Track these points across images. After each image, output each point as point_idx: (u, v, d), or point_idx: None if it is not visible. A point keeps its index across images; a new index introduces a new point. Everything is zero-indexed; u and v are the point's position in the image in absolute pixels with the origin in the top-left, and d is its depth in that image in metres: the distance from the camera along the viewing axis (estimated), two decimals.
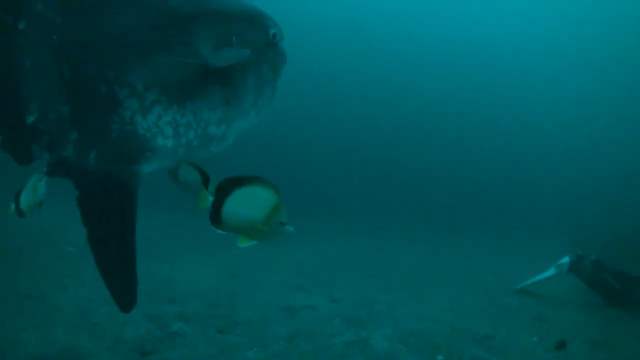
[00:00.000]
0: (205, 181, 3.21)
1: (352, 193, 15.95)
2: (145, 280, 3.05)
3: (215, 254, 9.63)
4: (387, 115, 22.50)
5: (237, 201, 2.77)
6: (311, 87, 21.80)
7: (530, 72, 26.24)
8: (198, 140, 3.22)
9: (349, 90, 23.51)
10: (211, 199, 2.78)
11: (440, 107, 24.08)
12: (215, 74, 3.19)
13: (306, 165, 16.56)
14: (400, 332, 6.23)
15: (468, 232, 14.65)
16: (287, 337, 5.80)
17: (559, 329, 6.86)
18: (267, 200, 2.76)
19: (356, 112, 22.24)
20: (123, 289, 3.02)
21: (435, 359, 5.68)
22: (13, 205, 3.63)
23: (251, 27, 3.38)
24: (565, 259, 8.26)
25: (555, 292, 8.54)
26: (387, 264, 10.50)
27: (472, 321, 6.91)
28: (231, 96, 3.28)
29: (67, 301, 6.29)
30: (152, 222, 9.68)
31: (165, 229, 11.48)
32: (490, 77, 25.67)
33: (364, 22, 26.22)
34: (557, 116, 24.81)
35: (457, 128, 23.15)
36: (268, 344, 5.56)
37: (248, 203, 2.76)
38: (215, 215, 2.82)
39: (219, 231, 2.88)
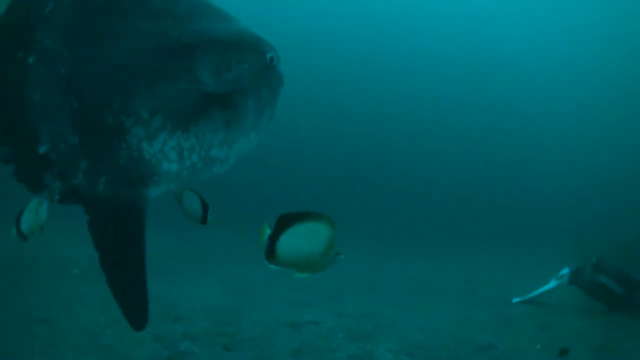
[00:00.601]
0: (205, 210, 3.46)
1: (353, 205, 15.97)
2: (150, 301, 3.14)
3: (217, 271, 9.71)
4: (387, 127, 22.56)
5: (293, 237, 2.75)
6: (310, 92, 21.90)
7: (533, 75, 26.22)
8: (201, 162, 3.33)
9: (347, 98, 23.56)
10: (268, 232, 2.76)
11: (435, 114, 24.13)
12: (216, 98, 3.30)
13: (304, 178, 16.63)
14: (404, 345, 6.29)
15: (469, 241, 14.69)
16: (292, 352, 5.87)
17: (561, 336, 6.93)
18: (324, 235, 2.75)
19: (355, 123, 22.29)
20: (135, 308, 3.13)
21: None
22: (14, 230, 3.71)
23: (249, 52, 3.50)
24: (565, 270, 8.31)
25: (557, 300, 8.60)
26: (388, 276, 10.56)
27: (474, 331, 6.98)
28: (232, 119, 3.38)
29: (74, 324, 6.35)
30: (150, 240, 9.71)
31: (165, 248, 11.55)
32: (489, 81, 25.72)
33: (369, 29, 26.26)
34: (558, 120, 24.82)
35: (455, 136, 23.19)
36: None
37: (305, 239, 2.75)
38: (271, 251, 2.80)
39: (272, 266, 2.86)
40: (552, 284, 8.43)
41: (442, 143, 22.65)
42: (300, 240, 2.73)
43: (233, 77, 3.37)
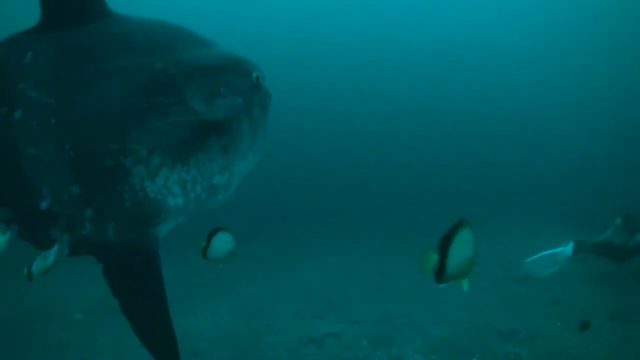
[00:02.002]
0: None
1: (344, 207, 15.91)
2: None
3: (223, 295, 9.55)
4: (394, 129, 22.38)
5: (456, 252, 2.65)
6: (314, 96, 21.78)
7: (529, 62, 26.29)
8: (205, 193, 3.31)
9: (353, 101, 23.37)
10: (435, 257, 2.64)
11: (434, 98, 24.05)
12: (210, 126, 3.26)
13: (299, 181, 16.49)
14: (429, 343, 6.30)
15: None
16: None
17: (577, 308, 7.02)
18: (470, 238, 2.69)
19: (363, 126, 22.12)
20: (165, 349, 3.12)
21: None
22: (26, 270, 3.54)
23: (236, 74, 3.49)
24: (569, 244, 8.35)
25: (562, 274, 8.69)
26: (391, 274, 10.53)
27: (492, 317, 7.03)
28: (229, 144, 3.36)
29: None
30: None
31: (167, 277, 11.35)
32: (483, 71, 25.78)
33: (371, 29, 26.06)
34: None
35: (450, 119, 23.08)
36: None
37: (464, 248, 2.68)
38: (442, 273, 2.67)
39: (442, 285, 2.70)
40: (560, 249, 8.39)
41: (438, 127, 22.52)
42: (461, 251, 2.68)
43: (224, 102, 3.34)
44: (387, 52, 25.50)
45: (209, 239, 3.33)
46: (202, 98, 3.26)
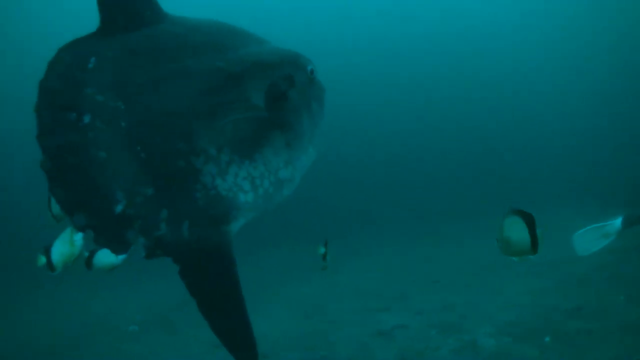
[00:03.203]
0: None
1: (387, 203, 16.02)
2: None
3: (279, 295, 9.68)
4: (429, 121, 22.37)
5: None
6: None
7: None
8: (273, 187, 3.35)
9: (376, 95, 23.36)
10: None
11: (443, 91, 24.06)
12: (272, 121, 3.35)
13: (336, 180, 16.58)
14: (499, 326, 6.42)
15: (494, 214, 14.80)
16: None
17: (637, 280, 7.08)
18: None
19: (394, 121, 22.09)
20: (244, 347, 3.10)
21: (544, 342, 5.88)
22: (43, 258, 3.48)
23: (292, 68, 3.56)
24: (618, 217, 8.36)
25: (613, 248, 8.73)
26: (442, 265, 10.63)
27: (554, 298, 7.12)
28: (291, 137, 3.43)
29: None
30: None
31: None
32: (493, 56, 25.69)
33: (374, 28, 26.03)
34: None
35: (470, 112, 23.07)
36: None
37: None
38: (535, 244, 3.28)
39: (515, 259, 3.41)
40: (609, 222, 8.39)
41: (456, 116, 22.51)
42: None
43: (284, 97, 3.43)
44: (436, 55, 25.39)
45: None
46: (263, 93, 3.34)
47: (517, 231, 3.29)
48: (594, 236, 8.51)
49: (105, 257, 3.80)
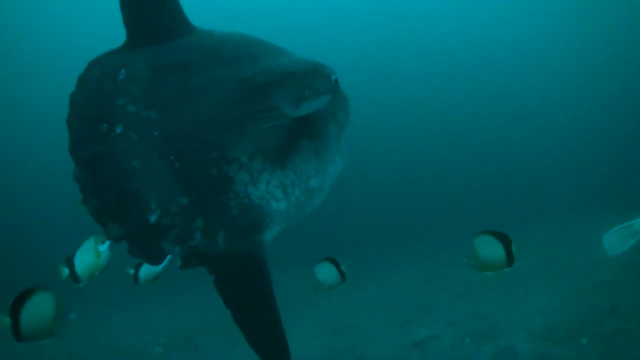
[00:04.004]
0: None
1: (406, 217, 15.96)
2: None
3: (302, 314, 9.62)
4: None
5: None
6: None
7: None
8: (304, 195, 3.38)
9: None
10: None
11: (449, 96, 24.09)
12: (301, 129, 3.39)
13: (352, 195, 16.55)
14: (534, 330, 6.38)
15: (516, 221, 14.74)
16: None
17: None
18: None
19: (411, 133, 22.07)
20: (278, 356, 3.12)
21: (581, 343, 5.83)
22: (66, 270, 3.34)
23: (316, 78, 3.63)
24: None
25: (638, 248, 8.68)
26: (464, 277, 10.54)
27: (586, 300, 7.07)
28: (320, 146, 3.47)
29: None
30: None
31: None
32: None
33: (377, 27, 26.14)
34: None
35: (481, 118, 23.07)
36: None
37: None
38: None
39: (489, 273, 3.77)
40: (638, 220, 8.36)
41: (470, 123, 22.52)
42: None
43: (311, 105, 3.47)
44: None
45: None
46: (290, 102, 3.40)
47: (489, 250, 3.62)
48: (623, 235, 8.48)
49: (149, 268, 3.84)
